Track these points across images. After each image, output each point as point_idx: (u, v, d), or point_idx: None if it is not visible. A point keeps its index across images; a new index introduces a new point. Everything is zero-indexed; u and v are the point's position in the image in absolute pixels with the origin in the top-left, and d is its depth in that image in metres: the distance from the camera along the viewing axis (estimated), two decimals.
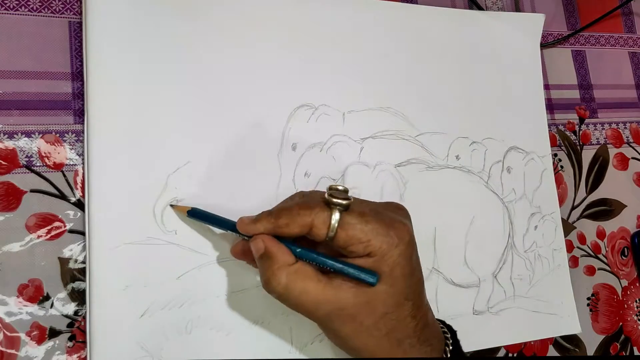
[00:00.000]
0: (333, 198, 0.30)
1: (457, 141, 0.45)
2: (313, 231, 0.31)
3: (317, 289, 0.30)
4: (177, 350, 0.35)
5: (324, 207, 0.31)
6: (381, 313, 0.31)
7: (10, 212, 0.34)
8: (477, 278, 0.44)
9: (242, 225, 0.32)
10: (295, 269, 0.31)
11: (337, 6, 0.43)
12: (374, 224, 0.31)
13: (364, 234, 0.30)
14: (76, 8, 0.38)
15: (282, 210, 0.31)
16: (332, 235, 0.30)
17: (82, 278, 0.35)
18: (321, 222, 0.30)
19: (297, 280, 0.30)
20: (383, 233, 0.30)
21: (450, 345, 0.34)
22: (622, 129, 0.54)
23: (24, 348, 0.33)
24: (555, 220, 0.48)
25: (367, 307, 0.31)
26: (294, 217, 0.31)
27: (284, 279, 0.30)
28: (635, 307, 0.51)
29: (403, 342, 0.32)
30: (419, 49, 0.45)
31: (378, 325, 0.31)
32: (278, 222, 0.31)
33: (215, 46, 0.38)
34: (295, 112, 0.40)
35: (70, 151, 0.36)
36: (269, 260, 0.31)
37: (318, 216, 0.30)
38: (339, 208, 0.30)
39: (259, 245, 0.31)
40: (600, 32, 0.55)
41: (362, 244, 0.30)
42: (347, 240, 0.30)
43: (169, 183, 0.36)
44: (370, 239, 0.30)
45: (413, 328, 0.32)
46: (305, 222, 0.30)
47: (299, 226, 0.31)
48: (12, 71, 0.35)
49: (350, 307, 0.30)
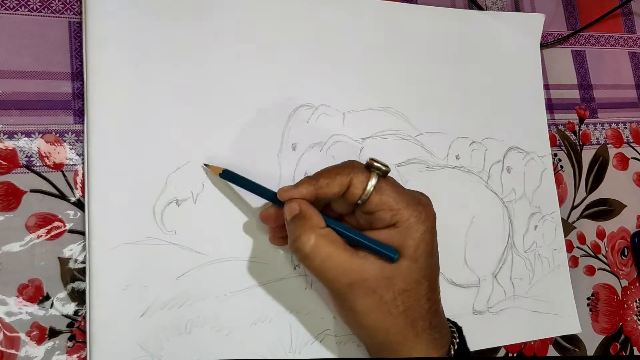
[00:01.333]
0: (374, 162, 0.32)
1: (457, 141, 0.45)
2: (350, 190, 0.32)
3: (343, 256, 0.31)
4: (177, 350, 0.35)
5: (363, 169, 0.32)
6: (400, 289, 0.31)
7: (10, 212, 0.34)
8: (477, 278, 0.44)
9: (283, 192, 0.33)
10: (325, 232, 0.32)
11: (337, 6, 0.43)
12: (406, 196, 0.32)
13: (395, 201, 0.31)
14: (76, 8, 0.38)
15: (323, 172, 0.33)
16: (366, 198, 0.32)
17: (82, 278, 0.35)
18: (359, 182, 0.32)
19: (326, 244, 0.31)
20: (413, 206, 0.32)
21: (458, 338, 0.35)
22: (622, 129, 0.54)
23: (24, 348, 0.33)
24: (555, 220, 0.48)
25: (388, 281, 0.31)
26: (333, 176, 0.32)
27: (313, 239, 0.31)
28: (635, 307, 0.51)
29: (417, 322, 0.32)
30: (419, 49, 0.45)
31: (396, 301, 0.31)
32: (319, 182, 0.32)
33: (215, 46, 0.38)
34: (295, 112, 0.40)
35: (70, 151, 0.36)
36: (301, 220, 0.32)
37: (357, 176, 0.32)
38: (377, 172, 0.32)
39: (293, 207, 0.32)
40: (600, 32, 0.55)
41: (392, 211, 0.31)
42: (378, 204, 0.31)
43: (168, 183, 0.36)
44: (401, 208, 0.31)
45: (427, 310, 0.32)
46: (344, 181, 0.32)
47: (338, 185, 0.32)
48: (12, 71, 0.35)
49: (373, 280, 0.31)
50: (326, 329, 0.38)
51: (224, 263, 0.37)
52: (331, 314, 0.39)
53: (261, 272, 0.37)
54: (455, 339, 0.35)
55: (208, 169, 0.36)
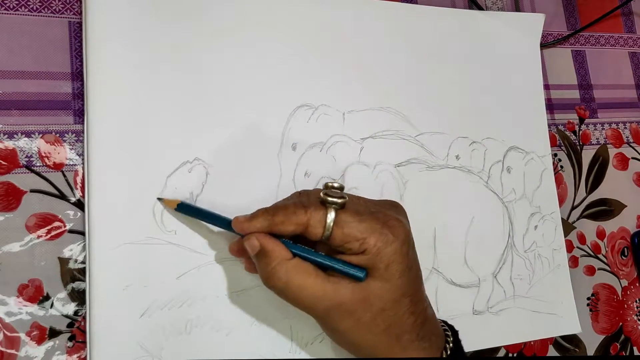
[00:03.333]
0: (328, 197, 0.31)
1: (457, 141, 0.45)
2: (309, 230, 0.31)
3: (315, 284, 0.31)
4: (177, 350, 0.35)
5: (319, 206, 0.31)
6: (378, 309, 0.31)
7: (10, 212, 0.34)
8: (477, 278, 0.44)
9: (237, 223, 0.32)
10: (293, 264, 0.31)
11: (337, 6, 0.43)
12: (369, 222, 0.31)
13: (359, 232, 0.30)
14: (76, 8, 0.38)
15: (279, 208, 0.32)
16: (329, 234, 0.31)
17: (82, 278, 0.35)
18: (317, 221, 0.31)
19: (297, 275, 0.31)
20: (378, 230, 0.31)
21: (451, 343, 0.34)
22: (622, 129, 0.54)
23: (24, 348, 0.33)
24: (555, 220, 0.48)
25: (364, 303, 0.31)
26: (289, 215, 0.31)
27: (284, 275, 0.31)
28: (635, 307, 0.51)
29: (401, 337, 0.32)
30: (419, 49, 0.45)
31: (376, 321, 0.31)
32: (274, 220, 0.31)
33: (215, 46, 0.38)
34: (295, 112, 0.40)
35: (70, 151, 0.36)
36: (266, 257, 0.31)
37: (313, 215, 0.31)
38: (334, 207, 0.31)
39: (254, 244, 0.32)
40: (600, 32, 0.55)
41: (357, 241, 0.30)
42: (343, 238, 0.31)
43: (168, 183, 0.36)
44: (366, 236, 0.30)
45: (411, 324, 0.32)
46: (301, 221, 0.31)
47: (294, 224, 0.31)
48: (12, 71, 0.35)
49: (348, 303, 0.31)
50: None
51: (224, 263, 0.37)
52: None
53: None
54: (449, 343, 0.34)
55: (162, 202, 0.35)
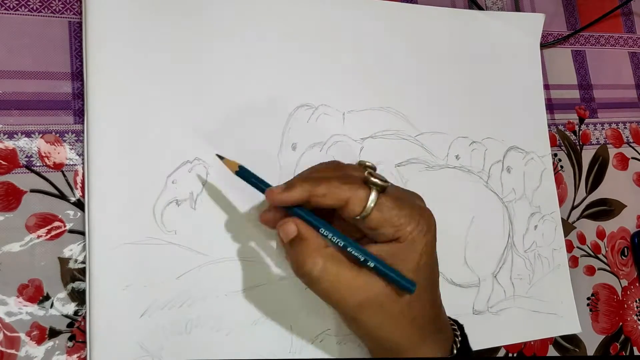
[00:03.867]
0: (372, 177, 0.30)
1: (457, 141, 0.45)
2: (348, 207, 0.30)
3: (350, 275, 0.30)
4: (177, 350, 0.35)
5: (362, 185, 0.31)
6: (406, 301, 0.31)
7: (10, 212, 0.34)
8: (477, 278, 0.44)
9: (273, 195, 0.31)
10: (330, 252, 0.30)
11: (337, 6, 0.43)
12: (408, 210, 0.31)
13: (397, 218, 0.30)
14: (76, 8, 0.38)
15: (322, 180, 0.31)
16: (366, 215, 0.30)
17: (82, 278, 0.35)
18: (358, 199, 0.30)
19: (333, 265, 0.30)
20: (416, 220, 0.31)
21: (460, 336, 0.35)
22: (622, 129, 0.54)
23: (24, 348, 0.33)
24: (555, 220, 0.48)
25: (394, 295, 0.31)
26: (332, 189, 0.30)
27: (321, 262, 0.30)
28: (635, 307, 0.51)
29: (424, 329, 0.32)
30: (419, 49, 0.45)
31: (404, 313, 0.31)
32: (316, 191, 0.30)
33: (215, 46, 0.38)
34: (295, 112, 0.40)
35: (70, 151, 0.36)
36: (302, 243, 0.30)
37: (357, 193, 0.30)
38: (377, 188, 0.30)
39: (290, 229, 0.31)
40: (600, 32, 0.55)
41: (394, 227, 0.30)
42: (380, 221, 0.30)
43: (168, 183, 0.36)
44: (403, 223, 0.30)
45: (431, 316, 0.33)
46: (343, 197, 0.30)
47: (335, 199, 0.30)
48: (12, 71, 0.35)
49: (380, 296, 0.31)
50: (326, 329, 0.38)
51: (224, 263, 0.37)
52: (331, 314, 0.39)
53: (261, 272, 0.37)
54: (458, 337, 0.35)
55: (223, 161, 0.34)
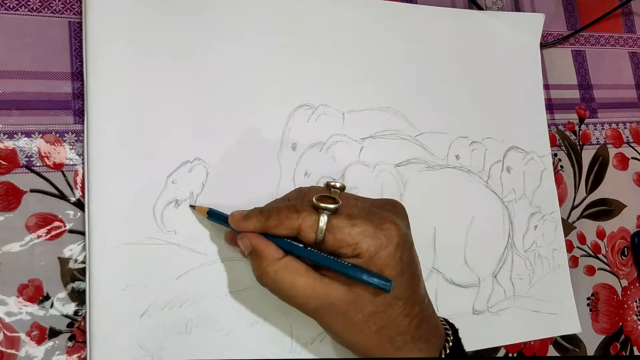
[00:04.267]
0: (320, 203, 0.31)
1: (457, 141, 0.45)
2: (301, 235, 0.31)
3: (306, 283, 0.31)
4: (177, 350, 0.35)
5: (311, 211, 0.31)
6: (370, 311, 0.31)
7: (10, 212, 0.34)
8: (477, 278, 0.44)
9: (233, 220, 0.33)
10: (283, 264, 0.31)
11: (337, 6, 0.43)
12: (361, 226, 0.31)
13: (351, 237, 0.30)
14: (76, 8, 0.38)
15: (272, 212, 0.32)
16: (321, 239, 0.31)
17: (82, 278, 0.35)
18: (309, 226, 0.31)
19: (286, 275, 0.31)
20: (371, 235, 0.30)
21: (451, 342, 0.34)
22: (622, 129, 0.54)
23: (24, 348, 0.33)
24: (555, 220, 0.48)
25: (355, 304, 0.31)
26: (282, 219, 0.31)
27: (272, 274, 0.31)
28: (635, 307, 0.51)
29: (395, 339, 0.32)
30: (419, 49, 0.45)
31: (368, 322, 0.31)
32: (268, 223, 0.32)
33: (215, 46, 0.38)
34: (295, 112, 0.40)
35: (70, 151, 0.36)
36: (257, 257, 0.32)
37: (305, 220, 0.31)
38: (326, 212, 0.31)
39: (246, 244, 0.33)
40: (600, 32, 0.55)
41: (350, 246, 0.30)
42: (335, 243, 0.31)
43: (168, 183, 0.36)
44: (358, 241, 0.30)
45: (406, 326, 0.32)
46: (293, 226, 0.31)
47: (286, 229, 0.31)
48: (12, 71, 0.35)
49: (339, 304, 0.31)
50: None
51: (224, 263, 0.37)
52: None
53: None
54: (448, 342, 0.34)
55: (194, 210, 0.36)
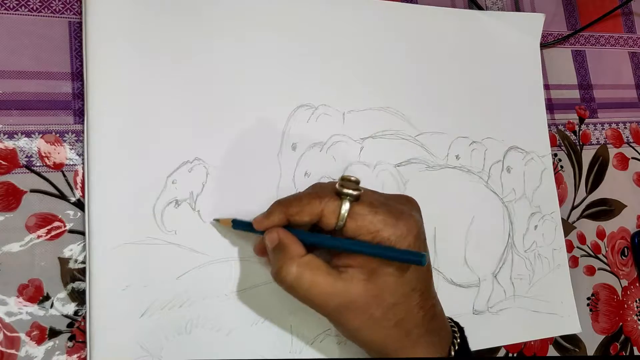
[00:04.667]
0: (344, 188, 0.31)
1: (457, 141, 0.45)
2: (323, 220, 0.31)
3: (326, 282, 0.31)
4: (177, 350, 0.35)
5: (334, 196, 0.31)
6: (390, 304, 0.31)
7: (10, 212, 0.34)
8: (477, 278, 0.44)
9: (257, 222, 0.33)
10: (306, 260, 0.31)
11: (337, 6, 0.43)
12: (383, 215, 0.31)
13: (373, 224, 0.31)
14: (76, 8, 0.38)
15: (293, 200, 0.32)
16: (342, 225, 0.31)
17: (82, 278, 0.35)
18: (331, 211, 0.31)
19: (307, 272, 0.31)
20: (392, 224, 0.31)
21: (459, 339, 0.34)
22: (622, 129, 0.54)
23: (24, 348, 0.33)
24: (555, 220, 0.48)
25: (376, 299, 0.31)
26: (303, 205, 0.31)
27: (294, 270, 0.31)
28: (635, 307, 0.51)
29: (411, 332, 0.32)
30: (419, 48, 0.45)
31: (387, 315, 0.31)
32: (289, 211, 0.32)
33: (215, 46, 0.38)
34: (295, 112, 0.40)
35: (70, 151, 0.36)
36: (280, 251, 0.32)
37: (328, 205, 0.31)
38: (349, 198, 0.31)
39: (273, 237, 0.32)
40: (600, 32, 0.55)
41: (370, 234, 0.31)
42: (356, 230, 0.31)
43: (168, 183, 0.36)
44: (379, 229, 0.31)
45: (421, 318, 0.32)
46: (315, 211, 0.31)
47: (308, 214, 0.31)
48: (12, 71, 0.35)
49: (360, 300, 0.31)
50: (326, 329, 0.38)
51: (225, 263, 0.37)
52: None
53: (261, 272, 0.37)
54: (457, 339, 0.34)
55: (218, 223, 0.36)
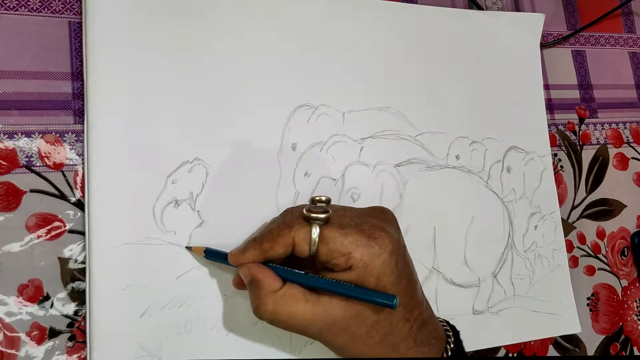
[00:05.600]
0: (311, 213, 0.30)
1: (457, 141, 0.45)
2: (296, 249, 0.31)
3: (305, 310, 0.30)
4: (177, 350, 0.35)
5: (303, 223, 0.31)
6: (372, 321, 0.31)
7: (10, 212, 0.34)
8: (477, 278, 0.44)
9: (232, 257, 0.33)
10: (281, 294, 0.31)
11: (337, 6, 0.43)
12: (354, 236, 0.30)
13: (344, 246, 0.30)
14: (76, 8, 0.38)
15: (264, 235, 0.32)
16: (315, 251, 0.31)
17: (82, 278, 0.35)
18: (302, 238, 0.31)
19: (284, 305, 0.30)
20: (364, 244, 0.30)
21: (452, 344, 0.34)
22: (622, 129, 0.54)
23: (24, 348, 0.33)
24: (555, 220, 0.48)
25: (357, 318, 0.31)
26: (275, 238, 0.31)
27: (270, 306, 0.30)
28: (635, 307, 0.51)
29: (398, 345, 0.32)
30: (419, 49, 0.45)
31: (371, 333, 0.31)
32: (262, 247, 0.32)
33: (215, 46, 0.38)
34: (295, 112, 0.40)
35: (70, 151, 0.36)
36: (255, 287, 0.31)
37: (298, 233, 0.31)
38: (318, 222, 0.30)
39: (245, 273, 0.32)
40: (600, 32, 0.55)
41: (343, 256, 0.30)
42: (328, 254, 0.30)
43: (168, 183, 0.36)
44: (351, 251, 0.30)
45: (407, 331, 0.32)
46: (287, 241, 0.31)
47: (282, 246, 0.31)
48: (12, 71, 0.35)
49: (341, 321, 0.31)
50: None
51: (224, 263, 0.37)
52: None
53: None
54: (450, 344, 0.34)
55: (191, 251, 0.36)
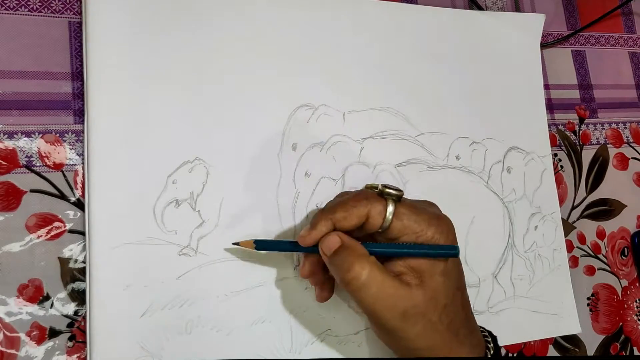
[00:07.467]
0: (387, 189, 0.32)
1: (457, 141, 0.45)
2: (369, 221, 0.31)
3: (394, 284, 0.30)
4: (177, 350, 0.35)
5: (378, 198, 0.32)
6: (443, 305, 0.31)
7: (10, 212, 0.34)
8: (477, 278, 0.44)
9: (302, 238, 0.32)
10: (374, 260, 0.31)
11: (337, 6, 0.43)
12: (425, 215, 0.32)
13: (417, 223, 0.31)
14: (76, 8, 0.38)
15: (337, 205, 0.32)
16: (387, 226, 0.31)
17: (82, 278, 0.35)
18: (377, 212, 0.31)
19: (378, 272, 0.30)
20: (435, 223, 0.32)
21: (492, 343, 0.35)
22: (622, 129, 0.54)
23: (24, 348, 0.33)
24: (555, 220, 0.48)
25: (432, 302, 0.31)
26: (349, 209, 0.31)
27: (368, 267, 0.30)
28: (635, 307, 0.51)
29: (459, 332, 0.32)
30: (419, 49, 0.45)
31: (441, 318, 0.31)
32: (335, 217, 0.32)
33: (215, 46, 0.38)
34: (295, 112, 0.40)
35: (70, 151, 0.36)
36: (346, 251, 0.31)
37: (374, 206, 0.31)
38: (392, 199, 0.32)
39: (333, 240, 0.31)
40: (600, 32, 0.55)
41: (415, 233, 0.31)
42: (401, 229, 0.31)
43: (168, 183, 0.36)
44: (423, 228, 0.31)
45: (464, 318, 0.33)
46: (362, 213, 0.31)
47: (356, 217, 0.31)
48: (12, 71, 0.35)
49: (422, 304, 0.31)
50: (326, 329, 0.38)
51: (225, 263, 0.36)
52: (331, 314, 0.39)
53: (261, 272, 0.37)
54: (490, 343, 0.34)
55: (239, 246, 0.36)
